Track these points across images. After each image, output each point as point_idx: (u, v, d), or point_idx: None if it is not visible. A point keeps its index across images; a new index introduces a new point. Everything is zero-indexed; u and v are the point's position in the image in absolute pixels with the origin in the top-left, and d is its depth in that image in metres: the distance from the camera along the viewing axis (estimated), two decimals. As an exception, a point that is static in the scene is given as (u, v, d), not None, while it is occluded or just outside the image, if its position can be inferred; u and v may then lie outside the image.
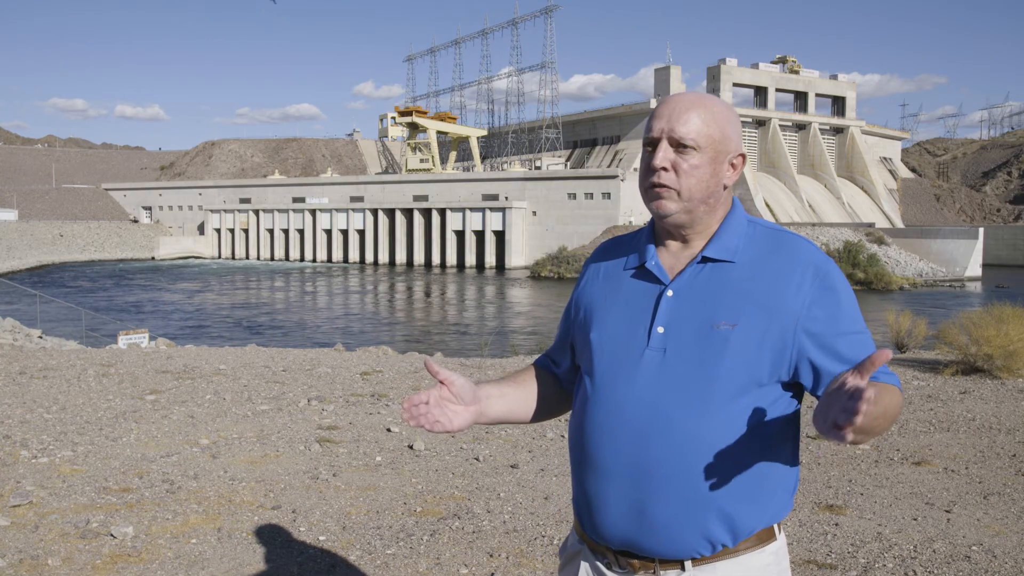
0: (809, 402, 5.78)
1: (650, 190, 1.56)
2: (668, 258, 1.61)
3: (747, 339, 1.48)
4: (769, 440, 1.52)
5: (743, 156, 1.59)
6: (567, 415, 1.82)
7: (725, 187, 1.58)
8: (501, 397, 1.73)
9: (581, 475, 1.62)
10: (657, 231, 1.65)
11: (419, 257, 73.94)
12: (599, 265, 1.72)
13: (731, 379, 1.48)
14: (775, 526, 1.57)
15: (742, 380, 1.48)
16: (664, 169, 1.53)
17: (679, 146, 1.53)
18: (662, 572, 1.55)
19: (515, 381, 1.80)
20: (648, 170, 1.57)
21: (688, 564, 1.53)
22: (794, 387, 1.55)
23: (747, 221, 1.60)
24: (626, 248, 1.70)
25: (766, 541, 1.55)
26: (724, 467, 1.48)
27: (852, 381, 1.23)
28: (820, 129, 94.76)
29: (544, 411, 1.82)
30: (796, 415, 1.58)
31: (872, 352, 1.41)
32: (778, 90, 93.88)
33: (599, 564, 1.62)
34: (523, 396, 1.78)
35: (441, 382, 1.62)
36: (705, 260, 1.56)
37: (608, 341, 1.60)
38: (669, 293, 1.56)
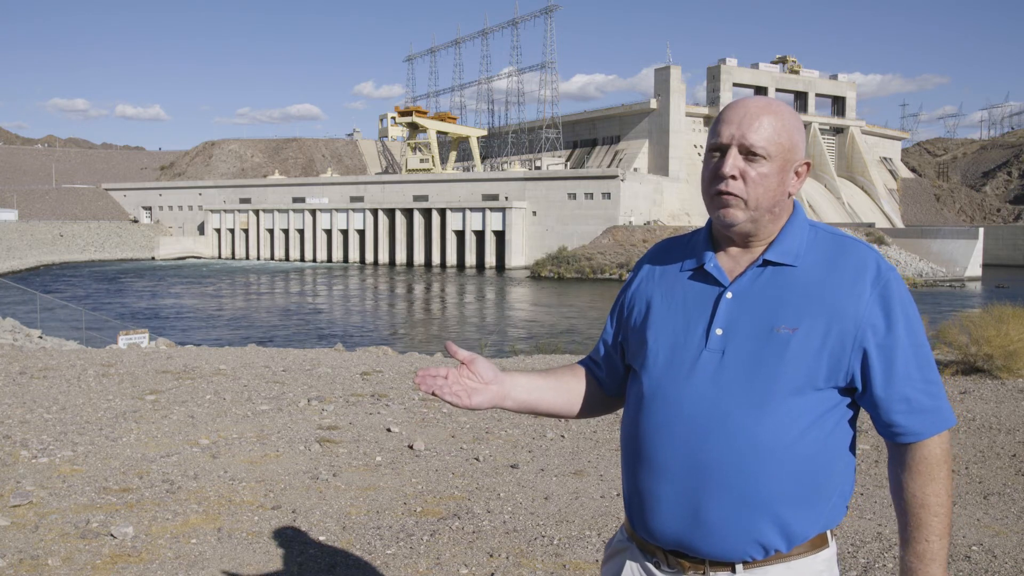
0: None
1: (716, 198, 1.54)
2: (727, 261, 1.59)
3: (807, 343, 1.47)
4: (826, 444, 1.50)
5: (808, 164, 1.57)
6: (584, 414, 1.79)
7: (790, 195, 1.56)
8: (528, 384, 1.71)
9: (634, 473, 1.61)
10: (715, 234, 1.62)
11: (419, 257, 73.95)
12: (654, 265, 1.70)
13: (790, 382, 1.47)
14: (828, 532, 1.54)
15: (800, 383, 1.47)
16: (733, 177, 1.51)
17: (749, 154, 1.50)
18: (712, 574, 1.52)
19: (550, 373, 1.78)
20: (715, 177, 1.53)
21: (739, 567, 1.51)
22: (851, 392, 1.54)
23: (809, 225, 1.59)
24: (683, 250, 1.67)
25: (819, 547, 1.52)
26: (780, 469, 1.47)
27: None
28: (820, 129, 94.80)
29: (580, 408, 1.79)
30: (853, 420, 1.56)
31: (930, 365, 1.46)
32: (778, 90, 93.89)
33: (648, 563, 1.60)
34: (556, 387, 1.76)
35: (462, 362, 1.62)
36: (766, 263, 1.55)
37: (665, 341, 1.58)
38: (728, 295, 1.54)
